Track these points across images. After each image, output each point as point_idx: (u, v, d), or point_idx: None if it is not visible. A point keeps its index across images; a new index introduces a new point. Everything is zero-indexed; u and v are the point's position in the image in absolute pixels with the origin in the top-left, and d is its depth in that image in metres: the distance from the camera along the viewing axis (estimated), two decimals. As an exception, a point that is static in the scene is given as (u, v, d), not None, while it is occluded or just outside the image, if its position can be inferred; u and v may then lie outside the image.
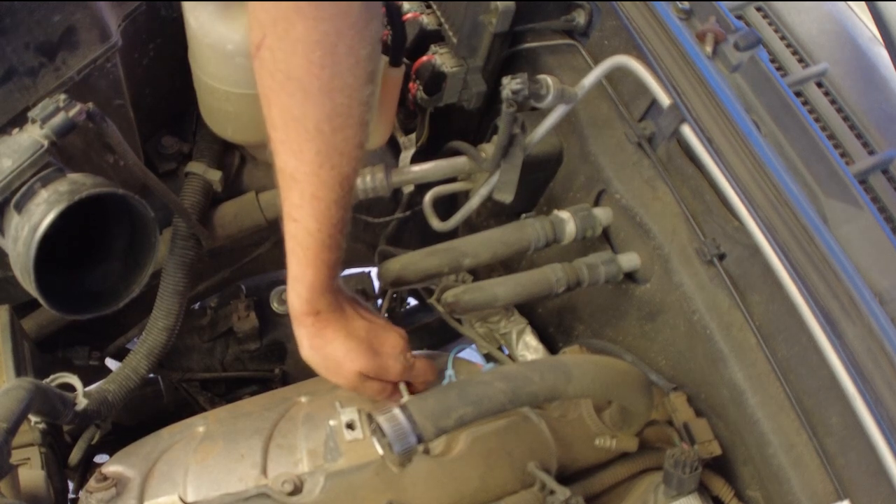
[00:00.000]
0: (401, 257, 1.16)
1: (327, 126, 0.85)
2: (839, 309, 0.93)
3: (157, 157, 1.38)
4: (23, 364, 1.10)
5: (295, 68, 0.82)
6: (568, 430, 1.07)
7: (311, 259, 0.93)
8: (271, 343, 1.48)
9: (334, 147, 0.87)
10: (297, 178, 0.89)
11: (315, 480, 0.96)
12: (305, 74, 0.82)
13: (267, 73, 0.84)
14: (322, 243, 0.93)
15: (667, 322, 1.17)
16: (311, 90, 0.83)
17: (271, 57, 0.83)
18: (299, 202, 0.90)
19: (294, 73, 0.82)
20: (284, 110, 0.86)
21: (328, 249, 0.93)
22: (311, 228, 0.91)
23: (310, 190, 0.89)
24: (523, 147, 1.18)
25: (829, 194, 1.06)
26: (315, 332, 0.98)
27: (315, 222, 0.91)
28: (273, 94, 0.85)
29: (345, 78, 0.83)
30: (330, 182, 0.89)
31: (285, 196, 0.91)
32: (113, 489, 0.97)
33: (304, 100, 0.84)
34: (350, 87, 0.84)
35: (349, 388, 1.02)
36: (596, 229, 1.21)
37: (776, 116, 1.11)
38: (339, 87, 0.84)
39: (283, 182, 0.90)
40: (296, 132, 0.86)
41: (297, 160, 0.88)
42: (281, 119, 0.86)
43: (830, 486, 0.96)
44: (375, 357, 1.01)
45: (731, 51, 1.11)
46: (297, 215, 0.91)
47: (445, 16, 1.37)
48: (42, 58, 0.99)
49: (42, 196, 0.78)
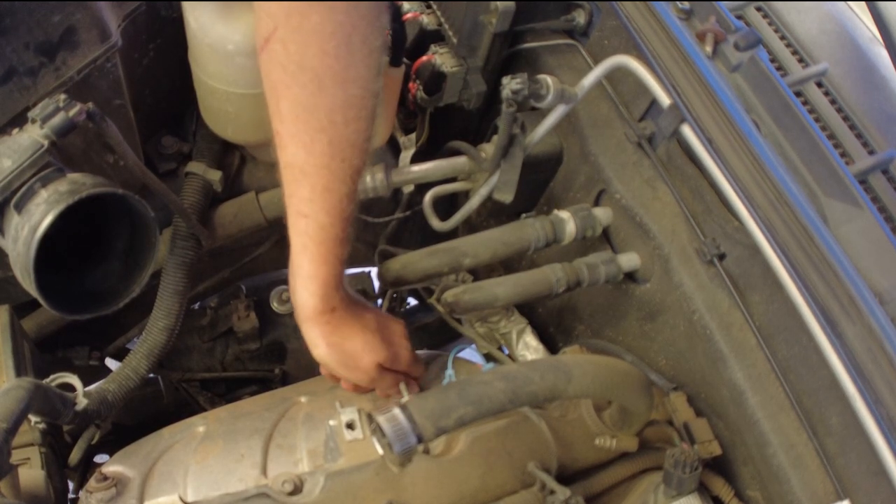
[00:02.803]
0: (401, 257, 1.16)
1: (340, 117, 0.86)
2: (839, 309, 0.93)
3: (157, 157, 1.38)
4: (23, 364, 1.10)
5: (309, 59, 0.82)
6: (568, 430, 1.07)
7: (325, 255, 0.93)
8: (271, 343, 1.48)
9: (346, 139, 0.87)
10: (308, 172, 0.88)
11: (315, 480, 0.96)
12: (320, 65, 0.82)
13: (278, 66, 0.84)
14: (336, 238, 0.92)
15: (667, 322, 1.17)
16: (326, 81, 0.84)
17: (283, 49, 0.83)
18: (310, 196, 0.90)
19: (308, 63, 0.83)
20: (296, 102, 0.85)
21: (341, 244, 0.93)
22: (325, 223, 0.91)
23: (322, 183, 0.89)
24: (523, 147, 1.18)
25: (829, 194, 1.06)
26: (332, 330, 0.97)
27: (328, 216, 0.91)
28: (284, 87, 0.85)
29: (358, 69, 0.84)
30: (341, 175, 0.89)
31: (293, 192, 0.91)
32: (113, 489, 0.97)
33: (318, 90, 0.84)
34: (363, 77, 0.85)
35: (368, 382, 1.02)
36: (596, 229, 1.21)
37: (776, 116, 1.11)
38: (353, 78, 0.84)
39: (292, 177, 0.90)
40: (307, 124, 0.86)
41: (308, 153, 0.87)
42: (292, 112, 0.86)
43: (830, 486, 0.96)
44: (390, 347, 1.02)
45: (731, 51, 1.11)
46: (307, 210, 0.91)
47: (445, 16, 1.37)
48: (42, 58, 0.99)
49: (42, 196, 0.78)
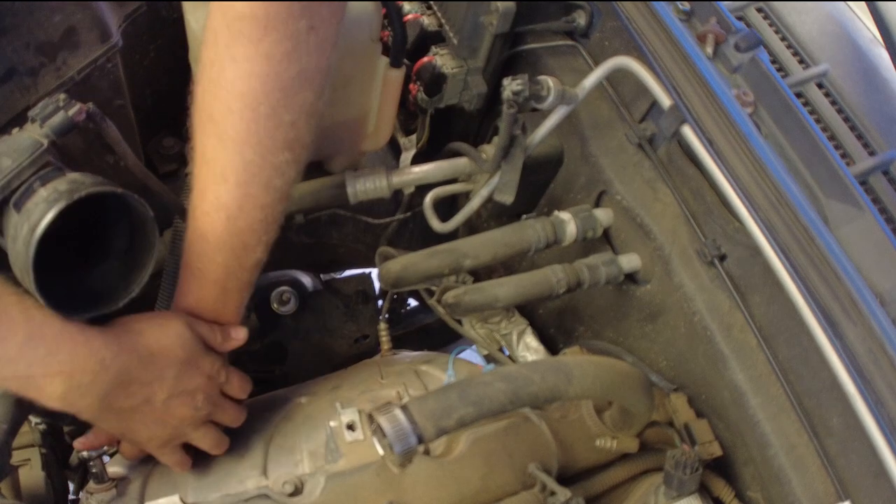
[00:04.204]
0: (401, 258, 1.16)
1: (233, 179, 0.86)
2: (840, 310, 0.93)
3: (157, 157, 1.38)
4: (23, 364, 1.09)
5: (216, 112, 0.83)
6: (569, 431, 1.07)
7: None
8: (271, 344, 1.48)
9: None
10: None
11: (315, 481, 0.96)
12: (222, 121, 0.83)
13: (195, 110, 0.86)
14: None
15: (667, 323, 1.17)
16: (225, 137, 0.84)
17: (201, 95, 0.84)
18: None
19: (215, 116, 0.84)
20: (200, 148, 0.87)
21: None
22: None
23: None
24: (524, 148, 1.18)
25: (829, 195, 1.06)
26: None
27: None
28: (197, 132, 0.86)
29: (259, 137, 0.84)
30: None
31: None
32: (113, 490, 0.97)
33: (219, 144, 0.85)
34: (264, 146, 0.85)
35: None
36: (597, 230, 1.21)
37: (777, 117, 1.11)
38: (253, 144, 0.84)
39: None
40: (207, 176, 0.87)
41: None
42: (200, 158, 0.87)
43: (831, 487, 0.95)
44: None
45: (732, 52, 1.11)
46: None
47: (446, 17, 1.37)
48: (42, 58, 0.99)
49: (41, 195, 0.77)
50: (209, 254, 0.91)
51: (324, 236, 1.50)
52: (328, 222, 1.47)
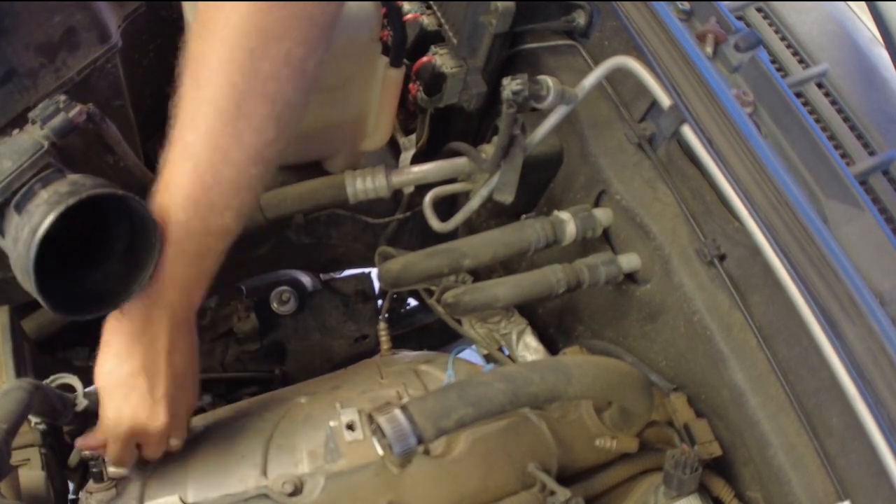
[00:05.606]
0: (401, 258, 1.16)
1: (203, 126, 0.83)
2: (839, 310, 0.93)
3: (157, 158, 1.38)
4: (23, 364, 1.10)
5: (198, 52, 0.81)
6: (568, 431, 1.07)
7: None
8: (271, 344, 1.48)
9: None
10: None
11: (315, 481, 0.97)
12: (201, 61, 0.81)
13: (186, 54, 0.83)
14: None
15: (667, 323, 1.17)
16: (201, 79, 0.81)
17: (192, 40, 0.82)
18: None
19: (196, 56, 0.82)
20: (180, 93, 0.84)
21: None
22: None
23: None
24: (523, 148, 1.18)
25: (829, 195, 1.06)
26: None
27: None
28: (182, 76, 0.84)
29: (234, 82, 0.80)
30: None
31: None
32: (113, 490, 0.97)
33: (194, 89, 0.82)
34: (239, 93, 0.81)
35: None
36: (596, 230, 1.21)
37: (776, 117, 1.11)
38: (226, 90, 0.81)
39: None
40: (179, 122, 0.85)
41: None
42: (178, 104, 0.85)
43: (831, 486, 0.95)
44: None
45: (732, 51, 1.11)
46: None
47: (446, 16, 1.37)
48: (42, 58, 0.99)
49: (42, 197, 0.77)
50: (170, 208, 0.84)
51: (323, 236, 1.50)
52: (328, 222, 1.48)
